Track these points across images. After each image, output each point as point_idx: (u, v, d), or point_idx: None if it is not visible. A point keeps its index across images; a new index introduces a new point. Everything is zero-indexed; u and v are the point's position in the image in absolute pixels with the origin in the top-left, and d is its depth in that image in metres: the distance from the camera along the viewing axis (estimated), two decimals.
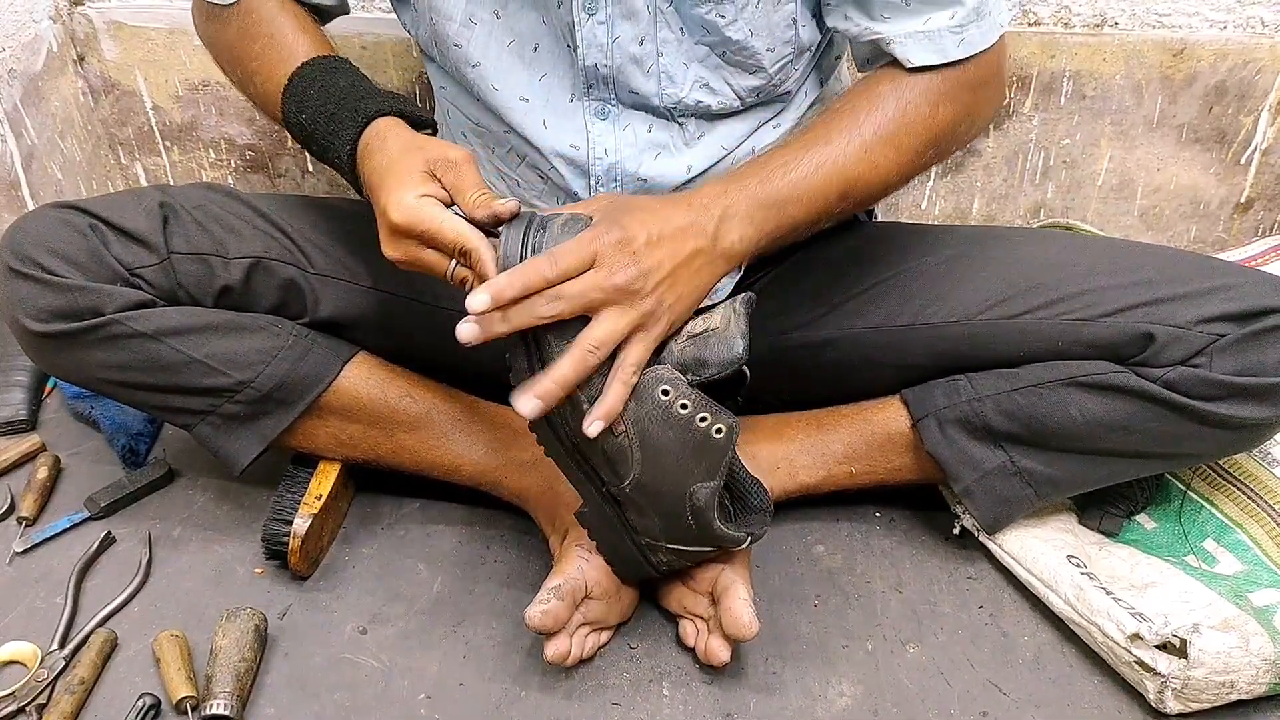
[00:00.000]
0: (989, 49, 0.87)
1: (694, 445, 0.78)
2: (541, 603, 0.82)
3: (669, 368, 0.78)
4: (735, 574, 0.87)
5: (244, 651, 0.85)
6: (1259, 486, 0.99)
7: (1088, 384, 0.87)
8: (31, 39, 1.30)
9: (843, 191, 0.85)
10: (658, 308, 0.77)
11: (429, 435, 0.97)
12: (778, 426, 1.00)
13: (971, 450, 0.92)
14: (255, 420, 0.93)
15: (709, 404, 0.78)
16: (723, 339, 0.77)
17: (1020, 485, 0.92)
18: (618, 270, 0.75)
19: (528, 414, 0.76)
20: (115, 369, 0.89)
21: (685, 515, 0.82)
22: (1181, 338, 0.85)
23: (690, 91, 0.90)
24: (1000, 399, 0.90)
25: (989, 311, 0.92)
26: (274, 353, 0.91)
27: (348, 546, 1.01)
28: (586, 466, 0.83)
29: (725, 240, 0.81)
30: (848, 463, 0.98)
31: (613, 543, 0.87)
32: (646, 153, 0.92)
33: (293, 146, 1.44)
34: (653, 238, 0.77)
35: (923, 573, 0.99)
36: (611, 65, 0.88)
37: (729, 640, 0.85)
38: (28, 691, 0.85)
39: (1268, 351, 0.84)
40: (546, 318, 0.74)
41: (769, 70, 0.90)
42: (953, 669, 0.89)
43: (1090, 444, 0.89)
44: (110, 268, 0.87)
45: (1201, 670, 0.81)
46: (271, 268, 0.93)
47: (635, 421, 0.78)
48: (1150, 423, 0.86)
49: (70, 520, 1.03)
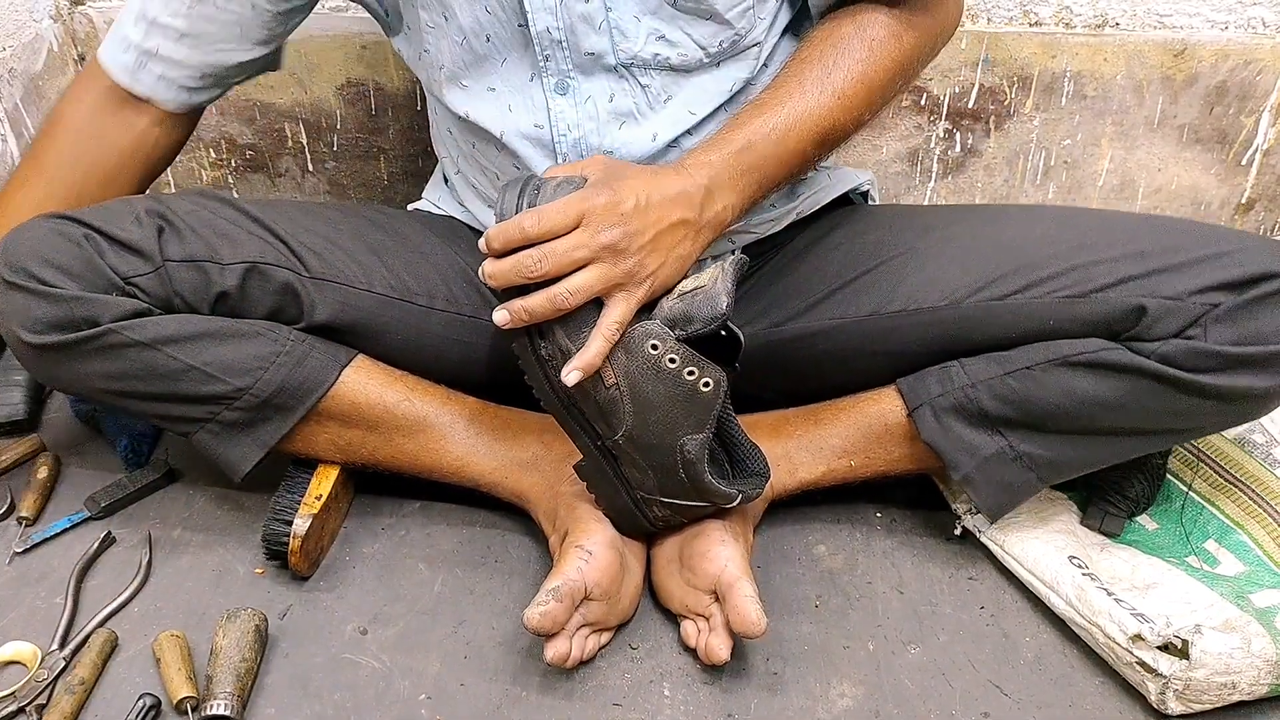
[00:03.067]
0: None
1: (683, 398, 0.82)
2: (540, 604, 0.82)
3: (658, 323, 0.82)
4: (738, 570, 0.87)
5: (244, 652, 0.85)
6: (1260, 487, 0.99)
7: (1080, 363, 0.86)
8: (32, 38, 1.30)
9: (819, 140, 0.87)
10: (640, 270, 0.80)
11: (428, 439, 0.97)
12: (776, 424, 1.00)
13: (968, 437, 0.91)
14: (254, 427, 0.93)
15: (696, 358, 0.81)
16: (708, 296, 0.81)
17: (1021, 470, 0.91)
18: (603, 230, 0.78)
19: (498, 321, 0.81)
20: (113, 378, 0.89)
21: (677, 467, 0.85)
22: (1175, 309, 0.83)
23: (645, 44, 0.89)
24: (994, 384, 0.89)
25: (979, 294, 0.91)
26: (272, 359, 0.91)
27: (348, 546, 1.01)
28: (581, 419, 0.86)
29: (711, 210, 0.84)
30: (846, 456, 0.97)
31: (610, 496, 0.90)
32: (610, 124, 0.92)
33: (293, 146, 1.44)
34: (641, 203, 0.80)
35: (924, 573, 0.98)
36: (563, 27, 0.88)
37: (735, 637, 0.85)
38: (28, 692, 0.85)
39: (1265, 319, 0.81)
40: (534, 275, 0.78)
41: (725, 16, 0.89)
42: (954, 670, 0.89)
43: (1088, 424, 0.88)
44: (105, 277, 0.87)
45: (1203, 671, 0.81)
46: (267, 273, 0.92)
47: (625, 374, 0.82)
48: (1147, 399, 0.85)
49: (70, 520, 1.03)
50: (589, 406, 0.85)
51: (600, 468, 0.89)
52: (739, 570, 0.87)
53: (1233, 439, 1.03)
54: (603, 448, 0.87)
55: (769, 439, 0.98)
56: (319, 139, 1.44)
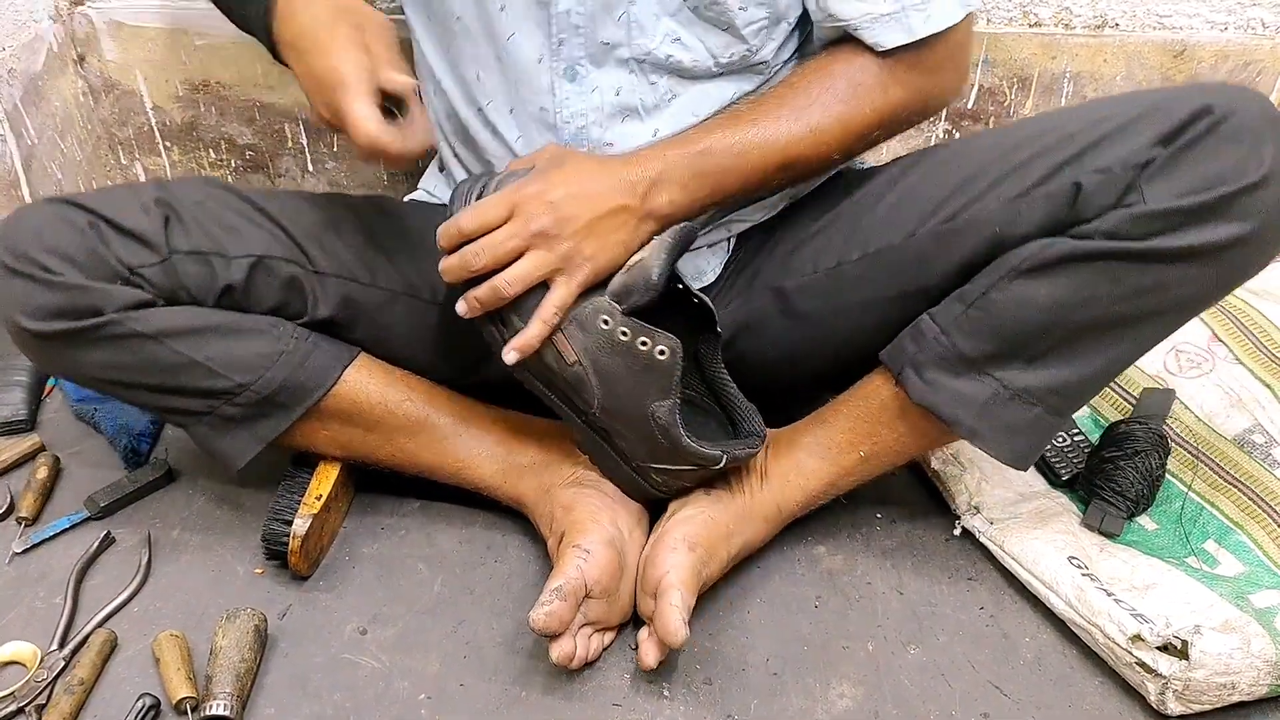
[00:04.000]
0: (954, 27, 0.87)
1: (641, 368, 0.86)
2: (544, 605, 0.82)
3: (606, 300, 0.85)
4: (676, 579, 0.85)
5: (244, 652, 0.85)
6: (1260, 488, 0.99)
7: (1028, 269, 0.82)
8: (32, 39, 1.30)
9: (783, 166, 0.89)
10: (576, 254, 0.83)
11: (429, 439, 0.97)
12: (789, 436, 0.98)
13: (958, 387, 0.87)
14: (253, 422, 0.93)
15: (646, 329, 0.85)
16: (643, 268, 0.85)
17: (1023, 408, 0.86)
18: (533, 218, 0.82)
19: (459, 313, 0.86)
20: (113, 369, 0.88)
21: (655, 434, 0.88)
22: (1108, 180, 0.78)
23: (660, 44, 0.89)
24: (961, 322, 0.86)
25: (931, 220, 0.88)
26: (275, 356, 0.91)
27: (348, 546, 1.01)
28: (564, 396, 0.90)
29: (654, 202, 0.86)
30: (853, 448, 0.95)
31: (611, 468, 0.95)
32: (614, 117, 0.93)
33: (293, 146, 1.44)
34: (573, 190, 0.83)
35: (923, 574, 0.98)
36: (585, 12, 0.88)
37: (662, 645, 0.84)
38: (27, 692, 0.85)
39: (1204, 162, 0.76)
40: (477, 268, 0.83)
41: (741, 30, 0.89)
42: (954, 670, 0.89)
43: (1066, 332, 0.83)
44: (110, 266, 0.86)
45: (1203, 672, 0.81)
46: (273, 266, 0.92)
47: (585, 351, 0.86)
48: (1108, 285, 0.79)
49: (70, 520, 1.03)
50: (560, 383, 0.89)
51: (595, 442, 0.93)
52: (677, 579, 0.85)
53: (1232, 439, 1.03)
54: (590, 422, 0.91)
55: (783, 454, 0.97)
56: (319, 139, 1.44)
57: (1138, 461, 0.99)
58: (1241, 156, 0.75)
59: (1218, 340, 1.12)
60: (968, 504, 1.02)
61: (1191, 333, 1.13)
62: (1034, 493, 1.04)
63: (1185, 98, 0.78)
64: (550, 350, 0.86)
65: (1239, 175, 0.75)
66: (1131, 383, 1.12)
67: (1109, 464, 1.00)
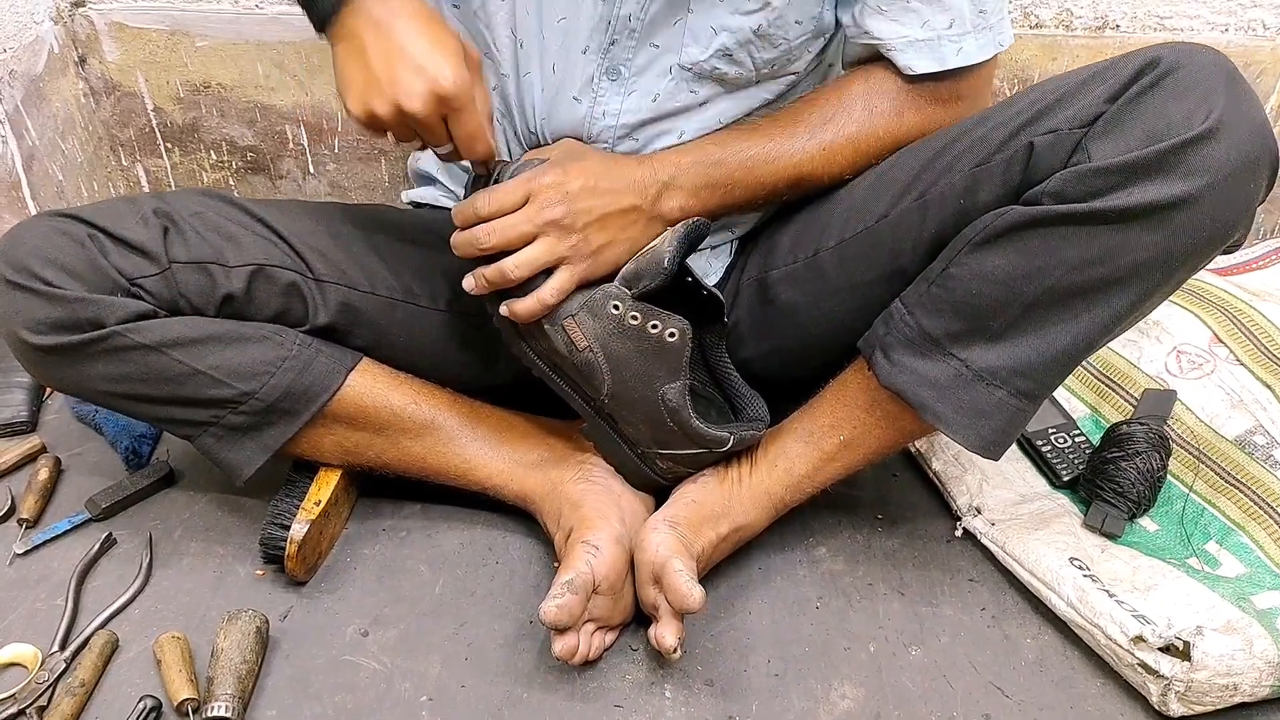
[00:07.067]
0: (981, 64, 0.89)
1: (651, 351, 0.88)
2: (555, 598, 0.82)
3: (617, 285, 0.87)
4: (669, 550, 0.86)
5: (245, 653, 0.85)
6: (1261, 489, 0.99)
7: (981, 240, 0.81)
8: (33, 40, 1.30)
9: (793, 182, 0.92)
10: (584, 245, 0.85)
11: (434, 441, 0.97)
12: (778, 424, 0.99)
13: (921, 369, 0.85)
14: (259, 431, 0.93)
15: (657, 312, 0.87)
16: (655, 253, 0.87)
17: (987, 390, 0.83)
18: (548, 207, 0.84)
19: (465, 287, 0.89)
20: (116, 381, 0.88)
21: (664, 417, 0.90)
22: (1056, 140, 0.77)
23: (709, 58, 0.90)
24: (924, 300, 0.84)
25: (903, 200, 0.88)
26: (278, 363, 0.91)
27: (349, 548, 1.01)
28: (571, 383, 0.92)
29: (663, 205, 0.89)
30: (834, 431, 0.93)
31: (617, 456, 0.97)
32: (647, 120, 0.93)
33: (294, 148, 1.44)
34: (589, 184, 0.85)
35: (924, 575, 0.98)
36: (645, 16, 0.88)
37: (678, 616, 0.85)
38: (28, 694, 0.85)
39: (1149, 117, 0.73)
40: (484, 247, 0.85)
41: (791, 44, 0.91)
42: (955, 671, 0.89)
43: (1022, 306, 0.80)
44: (110, 278, 0.86)
45: (1205, 673, 0.81)
46: (273, 275, 0.92)
47: (596, 337, 0.88)
48: (1058, 251, 0.77)
49: (71, 522, 1.03)
50: (571, 370, 0.90)
51: (602, 429, 0.95)
52: (670, 550, 0.86)
53: (1234, 441, 1.03)
54: (598, 409, 0.93)
55: (770, 440, 0.97)
56: (320, 141, 1.44)
57: (1139, 462, 0.99)
58: (1188, 109, 0.73)
59: (1219, 341, 1.12)
60: (969, 505, 1.02)
61: (1193, 334, 1.13)
62: (1035, 494, 1.04)
63: (1138, 54, 0.77)
64: (561, 337, 0.88)
65: (1185, 127, 0.72)
66: (1133, 384, 1.12)
67: (1110, 465, 1.00)
